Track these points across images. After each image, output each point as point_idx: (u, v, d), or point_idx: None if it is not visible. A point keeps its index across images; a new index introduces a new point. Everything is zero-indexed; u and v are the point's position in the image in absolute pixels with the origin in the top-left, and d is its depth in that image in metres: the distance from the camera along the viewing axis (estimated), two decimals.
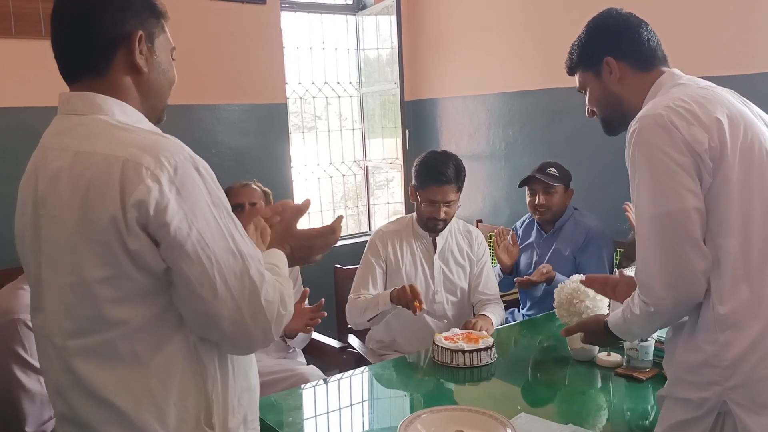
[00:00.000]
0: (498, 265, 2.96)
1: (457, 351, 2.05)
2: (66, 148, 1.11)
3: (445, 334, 2.18)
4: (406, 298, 2.24)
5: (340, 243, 4.13)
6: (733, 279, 1.29)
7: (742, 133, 1.32)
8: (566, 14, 3.41)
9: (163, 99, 1.27)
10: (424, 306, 2.25)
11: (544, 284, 2.77)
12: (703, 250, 1.29)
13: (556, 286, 2.18)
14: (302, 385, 2.10)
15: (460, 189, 2.51)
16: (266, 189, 2.58)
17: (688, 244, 1.28)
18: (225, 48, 3.54)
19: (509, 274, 2.94)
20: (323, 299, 2.35)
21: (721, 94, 1.40)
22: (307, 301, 2.38)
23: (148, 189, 1.02)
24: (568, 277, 2.80)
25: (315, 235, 1.40)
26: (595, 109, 1.60)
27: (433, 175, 2.45)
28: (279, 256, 1.30)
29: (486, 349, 2.07)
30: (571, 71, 1.64)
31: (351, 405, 1.98)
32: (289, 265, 1.33)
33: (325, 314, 2.33)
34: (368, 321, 2.46)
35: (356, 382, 2.11)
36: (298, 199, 4.05)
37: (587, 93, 1.60)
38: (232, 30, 3.56)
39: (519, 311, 3.11)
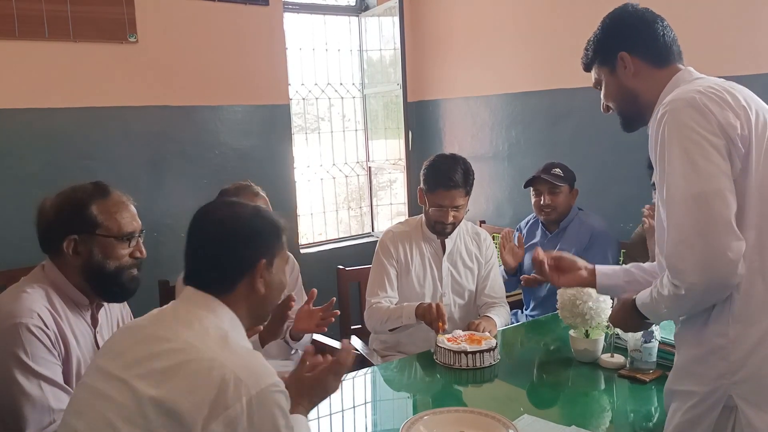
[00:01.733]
0: (502, 266, 2.96)
1: (459, 352, 2.05)
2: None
3: (447, 335, 2.17)
4: (430, 317, 2.22)
5: (342, 244, 4.17)
6: (749, 272, 1.28)
7: (761, 127, 1.31)
8: (569, 15, 3.41)
9: (272, 307, 1.39)
10: (446, 326, 2.21)
11: (547, 285, 2.77)
12: (737, 233, 1.25)
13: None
14: None
15: (468, 193, 2.49)
16: (262, 193, 2.54)
17: (722, 226, 1.24)
18: (228, 49, 3.54)
19: (513, 275, 2.94)
20: (334, 298, 2.33)
21: (744, 88, 1.39)
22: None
23: (242, 410, 1.12)
24: None
25: (324, 374, 1.49)
26: (610, 105, 1.58)
27: (441, 179, 2.43)
28: (301, 423, 1.39)
29: (489, 350, 2.06)
30: (587, 67, 1.61)
31: (354, 407, 1.97)
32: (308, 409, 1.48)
33: (338, 313, 2.32)
34: (389, 330, 2.45)
35: (359, 383, 2.11)
36: (300, 201, 4.06)
37: (603, 88, 1.58)
38: (235, 31, 3.56)
39: (522, 312, 3.12)
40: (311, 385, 1.49)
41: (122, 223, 1.68)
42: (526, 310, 3.10)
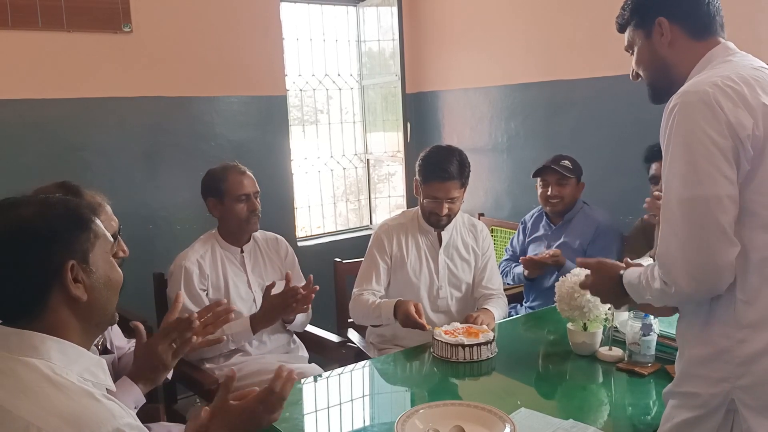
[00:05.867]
0: (519, 269, 2.95)
1: (456, 345, 2.03)
2: None
3: (445, 328, 2.15)
4: (412, 323, 2.22)
5: (341, 237, 4.14)
6: (761, 277, 1.24)
7: None
8: (570, 5, 3.38)
9: (109, 308, 1.19)
10: (429, 327, 2.21)
11: (555, 275, 2.75)
12: (732, 240, 1.22)
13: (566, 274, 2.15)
14: (301, 380, 2.08)
15: (464, 185, 2.47)
16: (248, 172, 2.54)
17: (716, 232, 1.21)
18: (224, 39, 3.50)
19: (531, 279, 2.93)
20: (311, 275, 2.33)
21: None
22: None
23: None
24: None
25: (254, 404, 1.33)
26: (640, 72, 1.49)
27: (436, 170, 2.40)
28: None
29: (486, 343, 2.04)
30: (621, 27, 1.51)
31: (351, 400, 1.95)
32: None
33: (317, 288, 2.30)
34: (372, 325, 2.45)
35: (356, 376, 2.09)
36: (298, 194, 4.03)
37: (635, 53, 1.49)
38: (231, 21, 3.52)
39: (522, 305, 3.10)
40: (238, 415, 1.32)
41: None
42: (525, 302, 3.08)
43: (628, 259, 1.60)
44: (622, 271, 1.48)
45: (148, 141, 3.36)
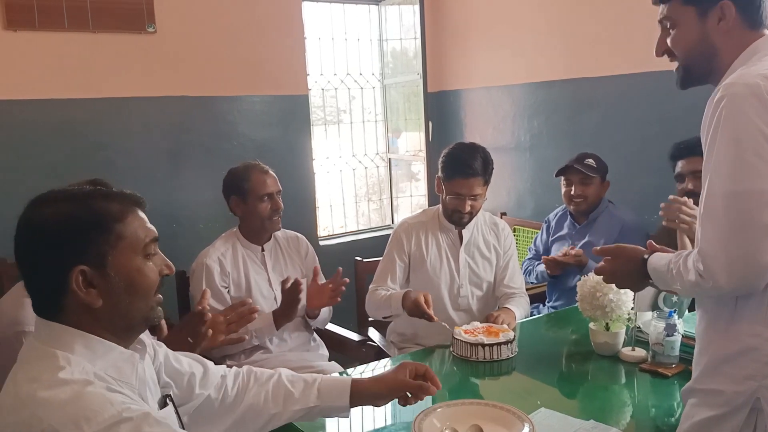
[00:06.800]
0: (541, 267, 2.92)
1: (476, 345, 2.01)
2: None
3: (465, 327, 2.14)
4: (419, 312, 2.21)
5: (362, 236, 4.13)
6: None
7: None
8: (592, 1, 3.33)
9: (135, 313, 1.15)
10: (436, 318, 2.20)
11: (578, 275, 2.71)
12: None
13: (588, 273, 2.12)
14: None
15: (487, 182, 2.44)
16: (271, 171, 2.55)
17: (761, 229, 1.16)
18: (246, 39, 3.52)
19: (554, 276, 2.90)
20: (340, 268, 2.39)
21: None
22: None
23: None
24: None
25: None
26: (675, 52, 1.38)
27: (459, 167, 2.39)
28: None
29: (506, 342, 2.02)
30: None
31: None
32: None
33: (347, 281, 2.37)
34: (383, 318, 2.44)
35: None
36: (320, 193, 4.03)
37: (672, 29, 1.37)
38: (254, 21, 3.54)
39: (545, 305, 3.06)
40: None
41: None
42: (548, 302, 3.05)
43: (653, 243, 1.54)
44: (646, 255, 1.43)
45: (172, 140, 3.40)
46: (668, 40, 1.39)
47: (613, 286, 1.94)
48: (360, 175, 4.45)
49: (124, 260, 1.12)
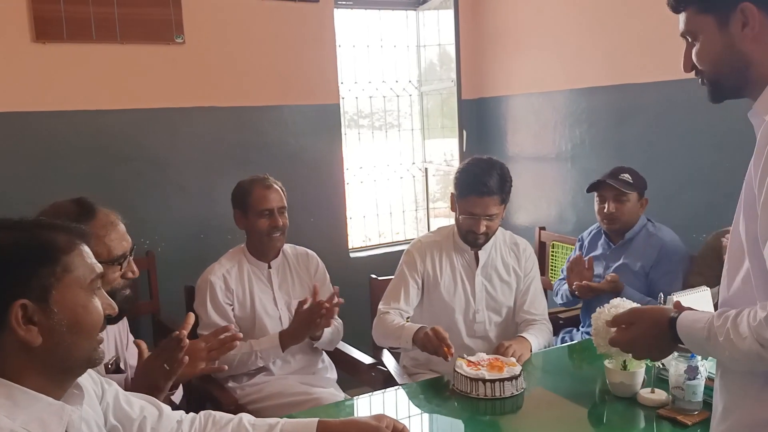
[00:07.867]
0: (566, 287, 2.72)
1: (477, 380, 1.85)
2: None
3: (470, 358, 1.98)
4: (432, 346, 2.02)
5: (382, 251, 4.00)
6: None
7: None
8: (636, 4, 3.10)
9: (77, 354, 1.06)
10: (453, 350, 2.01)
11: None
12: None
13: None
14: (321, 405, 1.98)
15: (504, 201, 2.28)
16: (276, 185, 2.46)
17: None
18: (276, 48, 3.47)
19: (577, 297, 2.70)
20: (337, 287, 2.27)
21: None
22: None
23: None
24: (639, 292, 2.55)
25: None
26: (701, 67, 1.20)
27: (473, 185, 2.23)
28: None
29: (511, 378, 1.85)
30: (677, 6, 1.21)
31: None
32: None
33: (342, 301, 2.20)
34: (389, 348, 2.30)
35: (376, 404, 1.95)
36: (353, 204, 3.94)
37: (696, 42, 1.19)
38: (284, 30, 3.48)
39: (578, 330, 2.86)
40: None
41: (111, 246, 1.62)
42: (582, 327, 2.84)
43: (680, 302, 1.34)
44: (674, 314, 1.22)
45: (201, 151, 3.38)
46: (693, 55, 1.21)
47: None
48: (394, 185, 4.31)
49: (69, 295, 1.04)
